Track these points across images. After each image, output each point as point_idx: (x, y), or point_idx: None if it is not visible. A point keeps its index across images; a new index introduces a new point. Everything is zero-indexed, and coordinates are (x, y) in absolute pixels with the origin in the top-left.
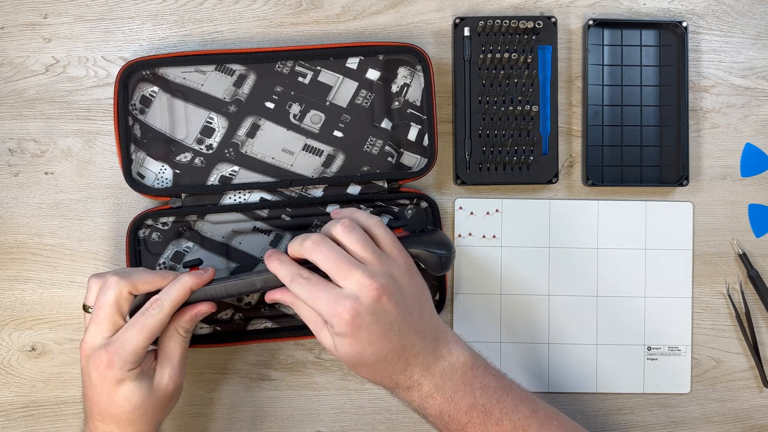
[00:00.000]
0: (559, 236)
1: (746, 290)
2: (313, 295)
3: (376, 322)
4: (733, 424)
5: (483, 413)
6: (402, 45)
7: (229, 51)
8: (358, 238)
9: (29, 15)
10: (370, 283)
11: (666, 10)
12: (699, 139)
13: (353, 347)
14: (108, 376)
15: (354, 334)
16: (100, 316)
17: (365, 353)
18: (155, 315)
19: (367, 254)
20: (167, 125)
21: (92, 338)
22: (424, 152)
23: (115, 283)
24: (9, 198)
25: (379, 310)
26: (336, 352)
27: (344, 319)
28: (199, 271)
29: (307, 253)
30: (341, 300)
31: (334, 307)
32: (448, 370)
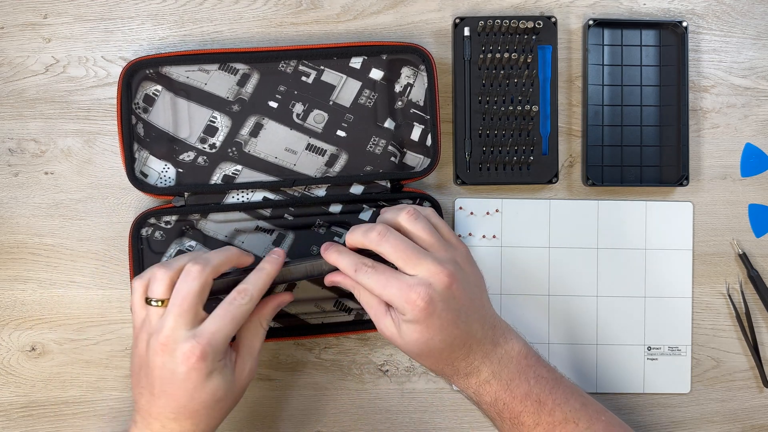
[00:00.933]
0: (559, 236)
1: (746, 290)
2: (382, 283)
3: (447, 308)
4: (733, 424)
5: (537, 402)
6: (406, 45)
7: (232, 50)
8: (424, 226)
9: (29, 15)
10: (440, 270)
11: (666, 10)
12: (699, 139)
13: (423, 334)
14: (200, 369)
15: (426, 321)
16: (184, 307)
17: (434, 340)
18: (245, 305)
19: (433, 242)
20: (170, 124)
21: (175, 331)
22: (427, 152)
23: (200, 273)
24: (9, 198)
25: (449, 296)
26: (400, 340)
27: (419, 305)
28: (274, 256)
29: (374, 244)
30: (415, 287)
31: (408, 294)
32: (504, 358)
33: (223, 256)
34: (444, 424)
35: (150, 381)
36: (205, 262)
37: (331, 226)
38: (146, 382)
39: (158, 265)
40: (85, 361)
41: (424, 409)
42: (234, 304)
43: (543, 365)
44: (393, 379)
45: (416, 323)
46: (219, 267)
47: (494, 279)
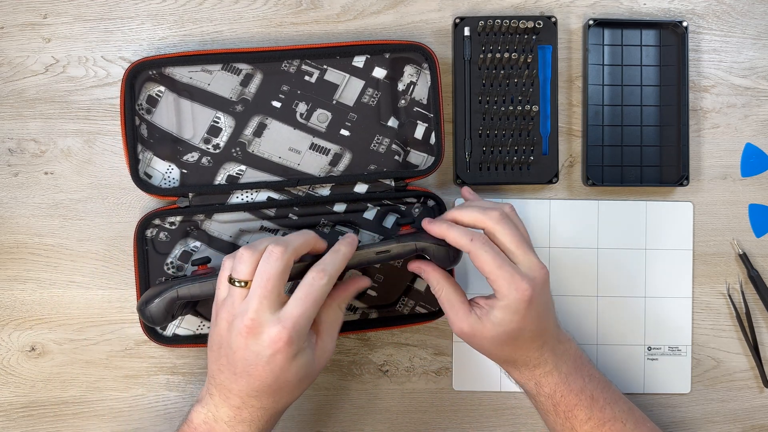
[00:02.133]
0: (559, 236)
1: (746, 290)
2: (498, 261)
3: (541, 302)
4: (733, 424)
5: (590, 398)
6: (408, 43)
7: (235, 50)
8: (522, 223)
9: (29, 15)
10: (541, 266)
11: (666, 9)
12: (699, 139)
13: (518, 323)
14: (286, 352)
15: (525, 311)
16: (268, 288)
17: (525, 329)
18: (324, 286)
19: (529, 240)
20: (174, 125)
21: (260, 314)
22: (431, 150)
23: (282, 253)
24: (9, 198)
25: (544, 292)
26: (483, 327)
27: (526, 294)
28: (348, 239)
29: (492, 222)
30: (525, 276)
31: (519, 283)
32: (565, 354)
33: (303, 239)
34: (444, 424)
35: (232, 361)
36: (286, 244)
37: (335, 225)
38: (227, 361)
39: (245, 246)
40: (85, 362)
41: (424, 409)
42: (314, 285)
43: (594, 367)
44: (393, 379)
45: (515, 312)
46: (299, 249)
47: None
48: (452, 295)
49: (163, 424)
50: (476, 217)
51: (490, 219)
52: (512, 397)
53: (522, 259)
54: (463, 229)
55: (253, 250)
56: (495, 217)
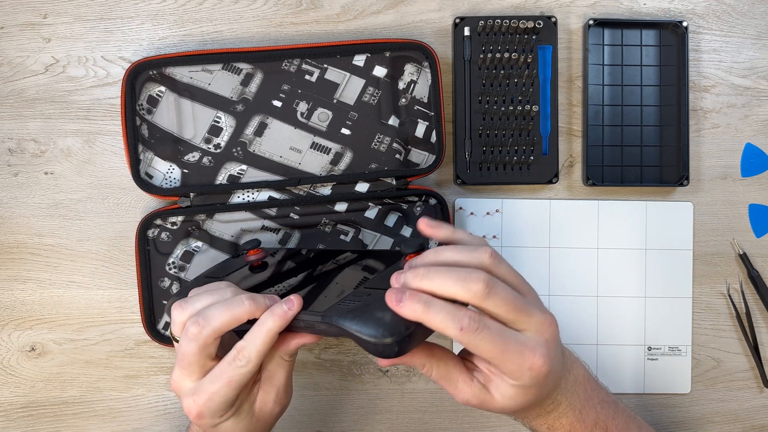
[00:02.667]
0: (560, 236)
1: (746, 290)
2: (500, 346)
3: (558, 363)
4: (733, 424)
5: (604, 429)
6: (409, 42)
7: (235, 50)
8: (509, 268)
9: (29, 15)
10: (548, 319)
11: (666, 9)
12: (699, 139)
13: (535, 395)
14: (203, 423)
15: (542, 383)
16: (186, 362)
17: (543, 394)
18: (242, 368)
19: (522, 284)
20: (175, 125)
21: (180, 380)
22: (432, 149)
23: (196, 336)
24: (9, 198)
25: (558, 348)
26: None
27: (542, 371)
28: (280, 309)
29: (478, 299)
30: (536, 349)
31: (531, 360)
32: (575, 385)
33: (229, 316)
34: (444, 424)
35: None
36: (205, 323)
37: (336, 224)
38: None
39: (177, 304)
40: (85, 362)
41: (424, 409)
42: (232, 366)
43: (600, 387)
44: (393, 379)
45: (530, 387)
46: (221, 328)
47: None
48: (445, 370)
49: (163, 424)
50: (455, 292)
51: (475, 296)
52: None
53: (526, 324)
54: (445, 313)
55: (181, 310)
56: (479, 292)
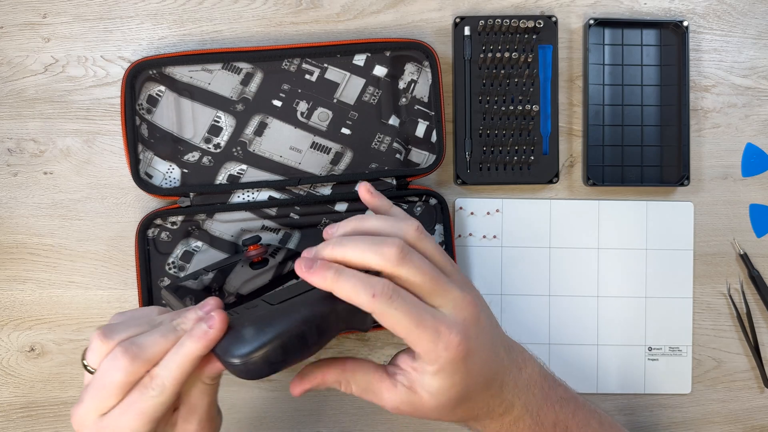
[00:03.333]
0: (560, 236)
1: (747, 290)
2: (415, 317)
3: (480, 343)
4: (734, 424)
5: (564, 430)
6: (409, 41)
7: (235, 50)
8: (434, 243)
9: (28, 14)
10: (466, 297)
11: (667, 9)
12: (700, 139)
13: (462, 383)
14: None
15: (466, 367)
16: (104, 394)
17: (471, 385)
18: (155, 398)
19: (445, 262)
20: (174, 124)
21: (86, 415)
22: (432, 148)
23: (126, 366)
24: (8, 198)
25: (480, 328)
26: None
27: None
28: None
29: (391, 265)
30: (453, 325)
31: (447, 338)
32: (530, 384)
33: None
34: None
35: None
36: (138, 352)
37: None
38: None
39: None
40: None
41: None
42: (144, 396)
43: (558, 383)
44: None
45: (453, 374)
46: (154, 359)
47: (494, 279)
48: (365, 382)
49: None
50: (368, 259)
51: (388, 262)
52: None
53: (442, 299)
54: (357, 279)
55: (104, 340)
56: (393, 257)
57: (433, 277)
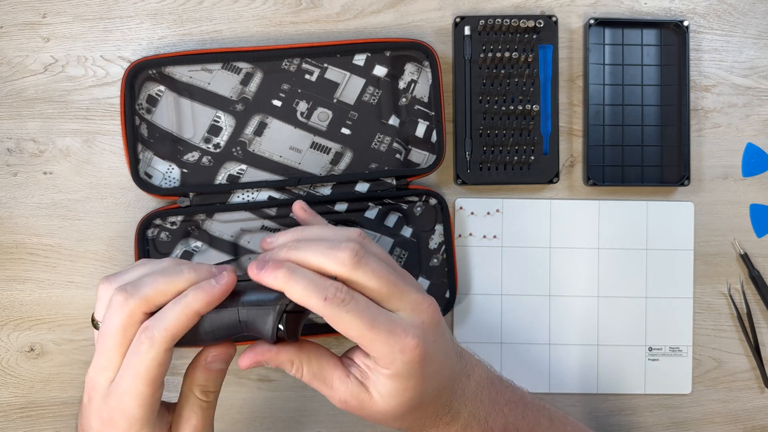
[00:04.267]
0: (560, 236)
1: (747, 290)
2: (368, 321)
3: (437, 350)
4: (734, 424)
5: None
6: (409, 41)
7: (235, 49)
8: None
9: (28, 14)
10: (425, 299)
11: (667, 9)
12: (700, 139)
13: (415, 388)
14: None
15: (421, 371)
16: (105, 346)
17: (424, 392)
18: (145, 354)
19: (397, 266)
20: (174, 124)
21: (96, 375)
22: (432, 148)
23: (120, 305)
24: (7, 198)
25: (438, 333)
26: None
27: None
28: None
29: (346, 270)
30: (408, 328)
31: (403, 341)
32: (477, 391)
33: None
34: None
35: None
36: (134, 291)
37: (336, 224)
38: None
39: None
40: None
41: None
42: (137, 353)
43: (506, 385)
44: None
45: (408, 378)
46: (153, 298)
47: (494, 279)
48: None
49: None
50: (322, 263)
51: (343, 265)
52: None
53: (400, 303)
54: (310, 280)
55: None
56: (347, 261)
57: (390, 280)
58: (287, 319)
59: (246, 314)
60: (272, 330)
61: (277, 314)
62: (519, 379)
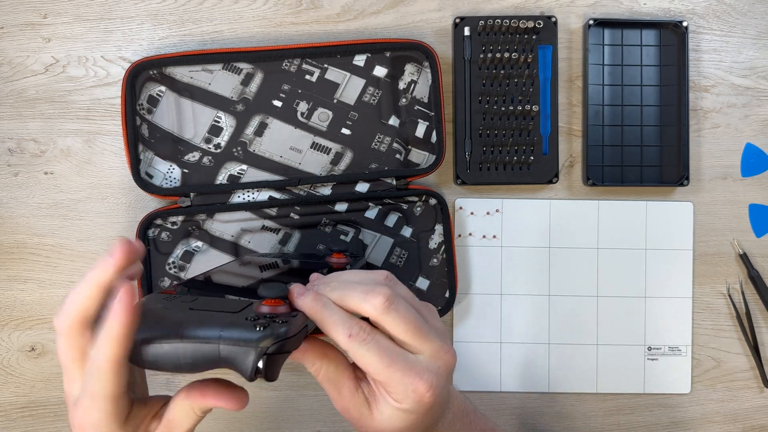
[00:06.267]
0: (560, 236)
1: (746, 290)
2: (386, 361)
3: (444, 393)
4: (733, 424)
5: None
6: (409, 41)
7: (235, 50)
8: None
9: (29, 15)
10: (445, 348)
11: (666, 9)
12: (699, 139)
13: (412, 423)
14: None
15: (425, 412)
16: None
17: (421, 425)
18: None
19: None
20: (175, 125)
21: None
22: (432, 149)
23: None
24: (8, 198)
25: (448, 379)
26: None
27: (425, 397)
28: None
29: (378, 313)
30: (423, 374)
31: (416, 383)
32: (453, 421)
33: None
34: None
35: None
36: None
37: (337, 224)
38: None
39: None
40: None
41: None
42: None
43: (479, 416)
44: None
45: (410, 413)
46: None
47: (494, 279)
48: (333, 373)
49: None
50: (357, 305)
51: (374, 309)
52: (512, 397)
53: (422, 347)
54: (339, 316)
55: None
56: (379, 306)
57: (416, 326)
58: (267, 361)
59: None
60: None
61: (257, 355)
62: (518, 379)
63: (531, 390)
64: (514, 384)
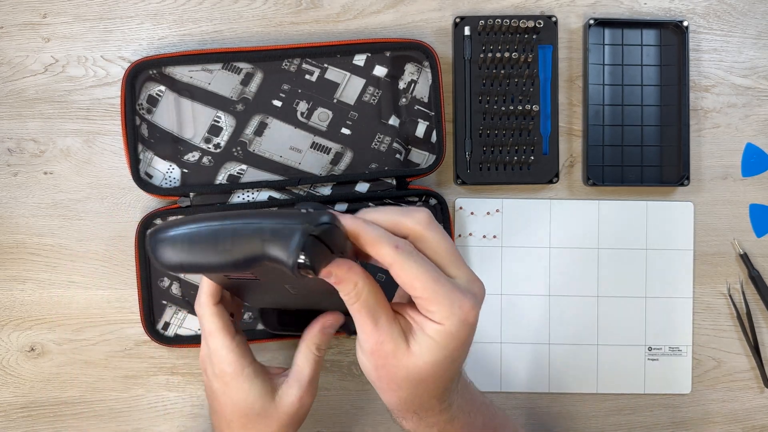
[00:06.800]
0: (560, 236)
1: (747, 290)
2: (433, 275)
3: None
4: (733, 424)
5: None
6: (409, 41)
7: (235, 49)
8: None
9: (28, 14)
10: (478, 279)
11: (667, 9)
12: (700, 139)
13: (452, 353)
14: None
15: (464, 339)
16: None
17: (455, 363)
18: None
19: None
20: (174, 124)
21: (202, 351)
22: (432, 149)
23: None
24: (8, 198)
25: (479, 313)
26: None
27: (470, 317)
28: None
29: (421, 227)
30: (467, 293)
31: (462, 301)
32: (462, 388)
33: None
34: None
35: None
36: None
37: None
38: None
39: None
40: (84, 362)
41: None
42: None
43: (477, 389)
44: None
45: (452, 339)
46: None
47: (494, 279)
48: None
49: (163, 425)
50: (397, 219)
51: (418, 223)
52: (512, 397)
53: (458, 272)
54: (382, 231)
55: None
56: (423, 220)
57: (454, 251)
58: (312, 247)
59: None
60: (295, 253)
61: (302, 235)
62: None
63: (531, 390)
64: (514, 384)
